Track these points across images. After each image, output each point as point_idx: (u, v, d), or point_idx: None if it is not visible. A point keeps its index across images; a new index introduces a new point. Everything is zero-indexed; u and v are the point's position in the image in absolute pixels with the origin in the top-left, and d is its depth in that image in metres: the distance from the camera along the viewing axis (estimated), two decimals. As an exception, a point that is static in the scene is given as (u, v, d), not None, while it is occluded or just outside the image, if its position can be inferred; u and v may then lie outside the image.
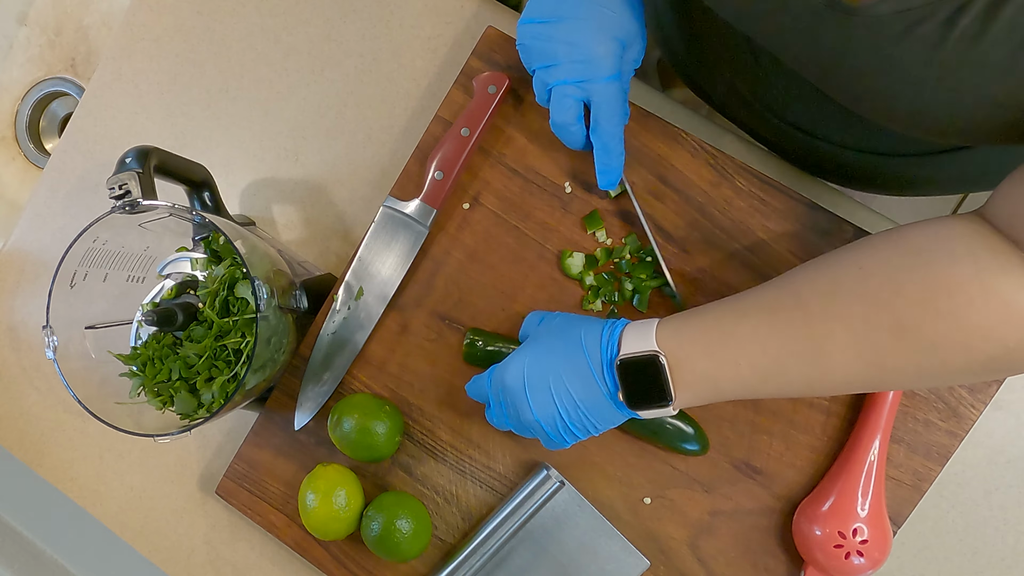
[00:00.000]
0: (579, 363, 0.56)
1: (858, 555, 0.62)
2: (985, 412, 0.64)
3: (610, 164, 0.62)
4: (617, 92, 0.60)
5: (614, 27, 0.58)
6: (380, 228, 0.70)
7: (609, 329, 0.56)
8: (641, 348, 0.54)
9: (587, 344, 0.56)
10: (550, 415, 0.57)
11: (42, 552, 0.82)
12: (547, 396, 0.57)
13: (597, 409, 0.56)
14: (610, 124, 0.61)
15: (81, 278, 0.66)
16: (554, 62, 0.59)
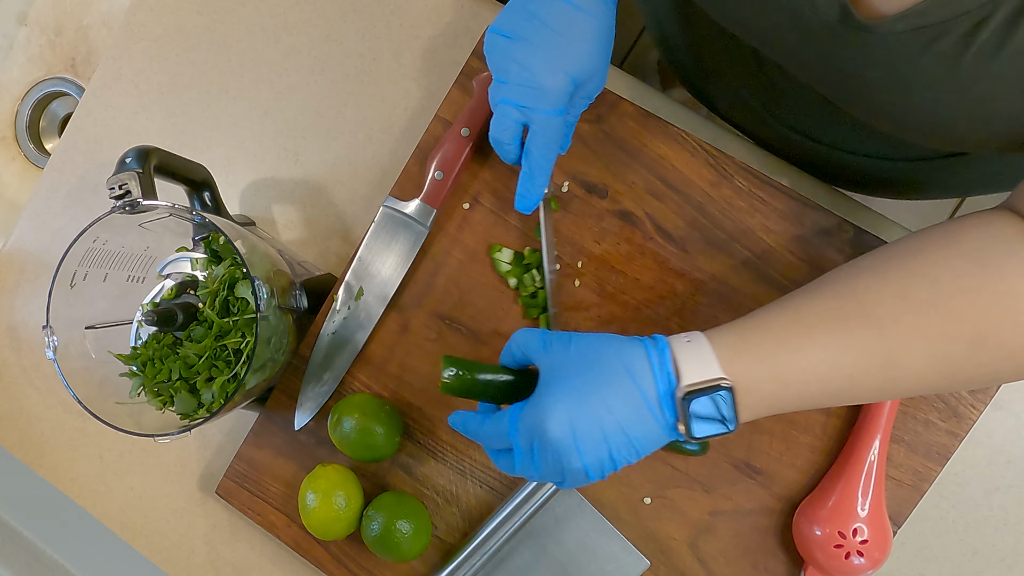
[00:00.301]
0: (633, 400, 0.50)
1: (858, 555, 0.62)
2: (985, 412, 0.64)
3: (530, 191, 0.62)
4: (556, 126, 0.58)
5: (572, 62, 0.56)
6: (380, 228, 0.70)
7: (656, 354, 0.50)
8: (705, 377, 0.49)
9: (636, 376, 0.50)
10: (599, 460, 0.50)
11: (42, 552, 0.82)
12: (600, 442, 0.50)
13: (649, 442, 0.51)
14: (540, 154, 0.60)
15: (81, 278, 0.66)
16: (504, 79, 0.58)
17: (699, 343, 0.50)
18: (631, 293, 0.68)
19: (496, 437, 0.54)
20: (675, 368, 0.50)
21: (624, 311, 0.68)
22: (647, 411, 0.50)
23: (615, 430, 0.50)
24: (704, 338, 0.51)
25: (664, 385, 0.50)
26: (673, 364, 0.50)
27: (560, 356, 0.53)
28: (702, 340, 0.50)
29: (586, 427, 0.50)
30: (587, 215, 0.69)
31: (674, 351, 0.50)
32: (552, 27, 0.56)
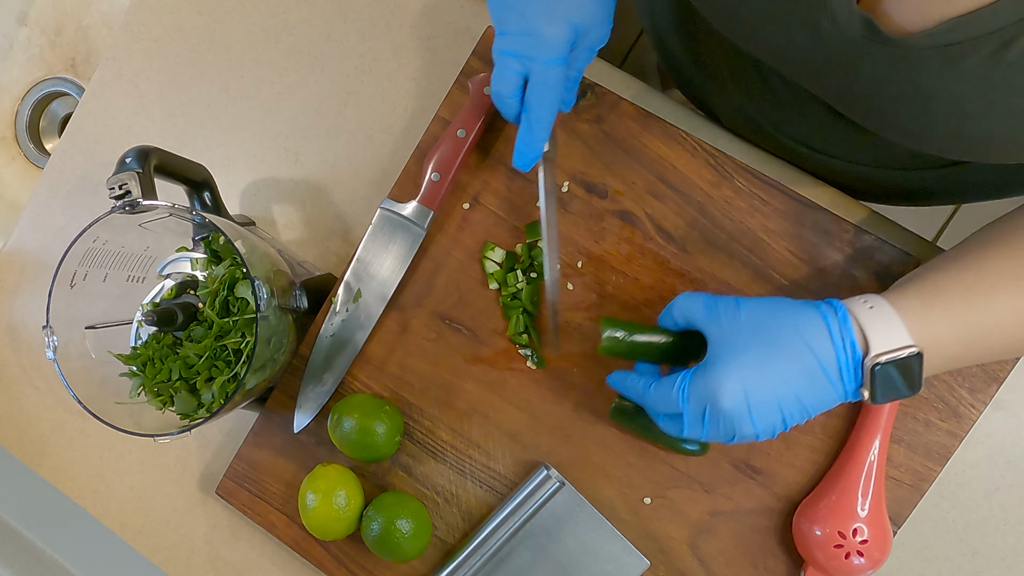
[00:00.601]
0: (810, 370, 0.50)
1: (858, 555, 0.62)
2: (985, 412, 0.64)
3: (529, 145, 0.60)
4: (556, 75, 0.57)
5: (572, 9, 0.55)
6: (378, 230, 0.70)
7: (836, 322, 0.50)
8: (895, 345, 0.49)
9: (814, 346, 0.50)
10: (771, 425, 0.51)
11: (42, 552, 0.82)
12: (774, 411, 0.50)
13: (822, 406, 0.51)
14: (540, 107, 0.58)
15: (81, 278, 0.66)
16: (504, 30, 0.56)
17: (883, 309, 0.50)
18: (631, 293, 0.68)
19: (663, 402, 0.55)
20: (860, 335, 0.50)
21: (624, 311, 0.68)
22: (824, 380, 0.50)
23: (790, 399, 0.50)
24: (887, 304, 0.51)
25: (845, 355, 0.50)
26: (857, 331, 0.50)
27: (729, 324, 0.53)
28: (885, 306, 0.51)
29: (760, 397, 0.50)
30: (587, 215, 0.69)
31: (856, 317, 0.50)
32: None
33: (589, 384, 0.69)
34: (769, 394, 0.50)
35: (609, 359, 0.69)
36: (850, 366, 0.50)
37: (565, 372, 0.69)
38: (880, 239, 0.65)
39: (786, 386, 0.50)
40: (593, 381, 0.69)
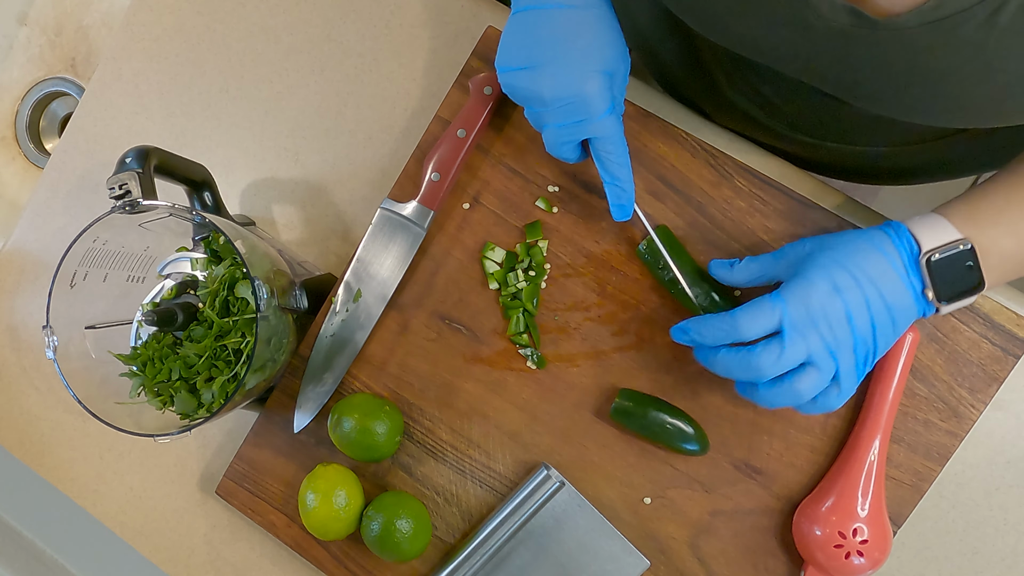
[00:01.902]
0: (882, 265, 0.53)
1: (858, 555, 0.62)
2: (985, 412, 0.64)
3: (622, 197, 0.61)
4: (615, 126, 0.58)
5: (596, 60, 0.56)
6: (378, 230, 0.70)
7: (893, 229, 0.54)
8: (944, 239, 0.53)
9: (881, 246, 0.54)
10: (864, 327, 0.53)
11: (42, 552, 0.82)
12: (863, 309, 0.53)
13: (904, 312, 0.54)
14: (616, 160, 0.59)
15: (81, 278, 0.66)
16: (543, 107, 0.57)
17: (931, 216, 0.55)
18: (631, 292, 0.68)
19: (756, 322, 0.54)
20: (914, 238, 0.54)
21: (624, 311, 0.68)
22: (897, 276, 0.53)
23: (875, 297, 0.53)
24: (936, 214, 0.55)
25: (906, 251, 0.53)
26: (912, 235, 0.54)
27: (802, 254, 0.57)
28: (934, 215, 0.55)
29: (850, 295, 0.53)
30: (587, 215, 0.69)
31: (910, 226, 0.54)
32: (560, 39, 0.55)
33: (589, 384, 0.69)
34: (856, 290, 0.53)
35: (610, 361, 0.69)
36: (911, 260, 0.53)
37: (565, 372, 0.69)
38: (880, 239, 0.65)
39: (870, 282, 0.53)
40: (593, 381, 0.69)
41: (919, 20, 0.43)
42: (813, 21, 0.47)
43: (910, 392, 0.65)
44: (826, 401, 0.55)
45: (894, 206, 1.46)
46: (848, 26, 0.46)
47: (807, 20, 0.47)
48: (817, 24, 0.47)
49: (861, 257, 0.54)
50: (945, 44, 0.43)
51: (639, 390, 0.68)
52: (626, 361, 0.68)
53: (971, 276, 0.53)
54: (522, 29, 0.57)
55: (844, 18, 0.46)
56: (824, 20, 0.46)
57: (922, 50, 0.44)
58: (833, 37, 0.47)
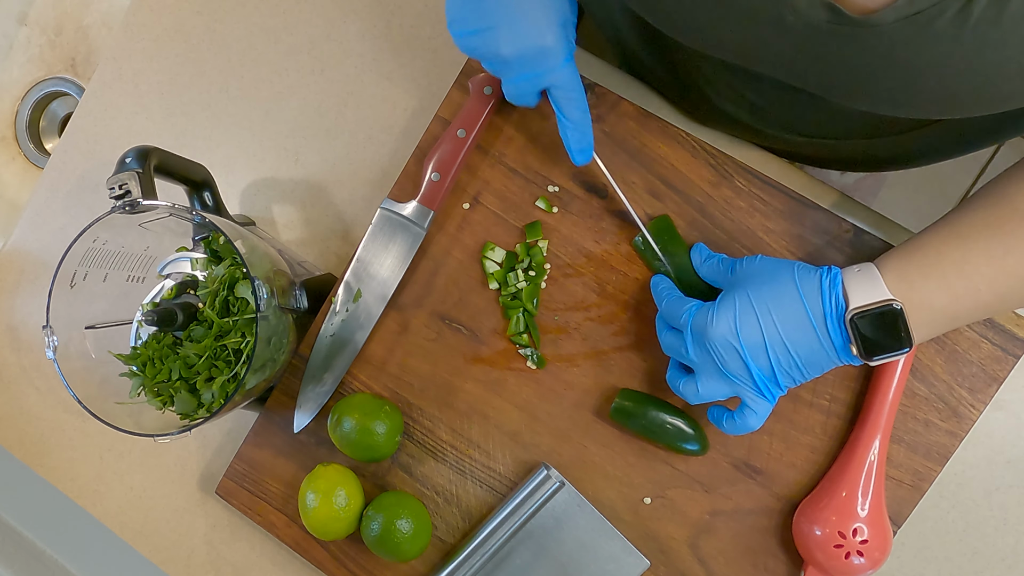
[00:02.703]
0: (797, 315, 0.54)
1: (858, 555, 0.62)
2: (985, 412, 0.64)
3: (581, 141, 0.61)
4: (573, 71, 0.59)
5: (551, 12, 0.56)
6: (378, 230, 0.70)
7: (828, 278, 0.55)
8: (873, 299, 0.53)
9: (806, 295, 0.55)
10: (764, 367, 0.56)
11: (42, 552, 0.82)
12: (761, 353, 0.55)
13: (814, 360, 0.55)
14: (575, 107, 0.60)
15: (81, 278, 0.66)
16: (503, 63, 0.58)
17: (867, 270, 0.55)
18: (631, 292, 0.68)
19: (671, 315, 0.61)
20: (844, 294, 0.54)
21: (624, 311, 0.68)
22: (811, 329, 0.54)
23: (778, 342, 0.55)
24: (873, 266, 0.55)
25: (831, 306, 0.54)
26: (843, 290, 0.54)
27: (742, 273, 0.60)
28: (870, 267, 0.55)
29: (750, 334, 0.55)
30: (587, 215, 0.69)
31: (844, 279, 0.55)
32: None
33: (589, 384, 0.69)
34: (758, 333, 0.55)
35: (610, 361, 0.69)
36: (834, 319, 0.54)
37: (565, 372, 0.69)
38: (880, 239, 0.65)
39: (776, 330, 0.55)
40: (593, 381, 0.69)
41: (894, 15, 0.43)
42: (790, 18, 0.47)
43: (910, 392, 0.65)
44: (744, 421, 0.59)
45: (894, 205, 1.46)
46: (825, 22, 0.46)
47: (784, 18, 0.47)
48: (794, 21, 0.47)
49: (777, 303, 0.55)
50: (921, 38, 0.44)
51: (639, 390, 0.68)
52: (626, 361, 0.68)
53: (898, 336, 0.53)
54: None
55: (820, 14, 0.46)
56: (801, 17, 0.46)
57: (899, 45, 0.45)
58: (810, 34, 0.47)
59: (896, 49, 0.45)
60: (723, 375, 0.57)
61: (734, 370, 0.56)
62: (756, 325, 0.55)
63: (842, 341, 0.54)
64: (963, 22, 0.42)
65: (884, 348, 0.53)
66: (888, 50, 0.46)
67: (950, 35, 0.43)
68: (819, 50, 0.48)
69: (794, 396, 0.66)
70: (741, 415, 0.59)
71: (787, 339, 0.55)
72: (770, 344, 0.55)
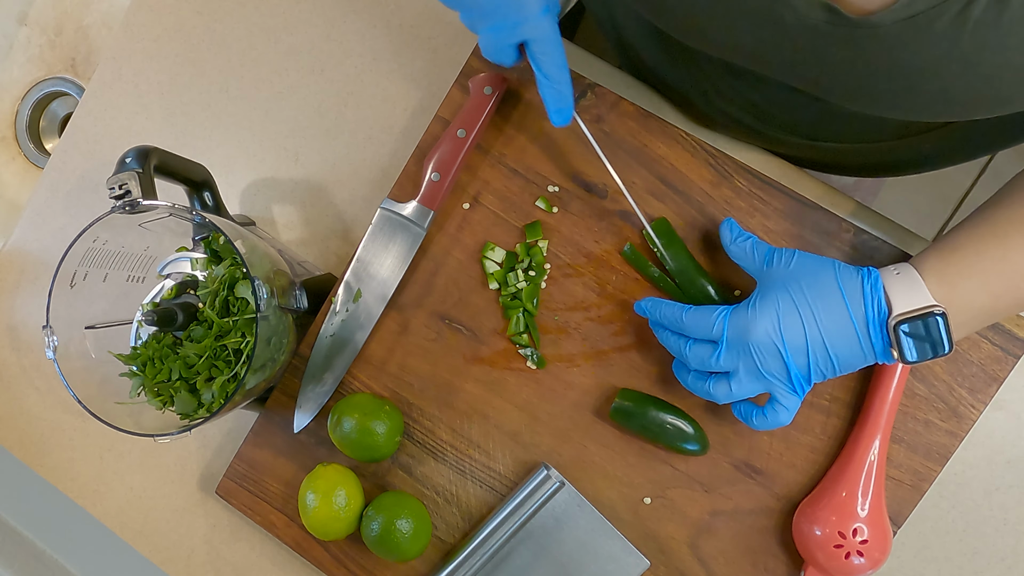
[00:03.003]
0: (842, 320, 0.54)
1: (858, 555, 0.62)
2: (985, 412, 0.64)
3: (560, 100, 0.60)
4: (552, 26, 0.56)
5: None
6: (378, 230, 0.70)
7: (869, 282, 0.54)
8: (916, 304, 0.53)
9: (849, 299, 0.54)
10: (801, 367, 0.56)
11: (42, 552, 0.82)
12: (802, 353, 0.55)
13: (851, 363, 0.56)
14: (553, 63, 0.58)
15: (81, 278, 0.66)
16: (478, 10, 0.56)
17: (908, 273, 0.54)
18: (631, 292, 0.68)
19: (699, 326, 0.59)
20: (886, 298, 0.54)
21: (624, 311, 0.68)
22: (853, 333, 0.54)
23: (819, 344, 0.55)
24: (912, 268, 0.55)
25: (873, 312, 0.54)
26: (884, 295, 0.54)
27: (780, 270, 0.58)
28: (910, 270, 0.54)
29: (793, 336, 0.55)
30: (587, 215, 0.69)
31: (884, 282, 0.54)
32: None
33: (589, 384, 0.69)
34: (801, 335, 0.55)
35: (610, 361, 0.69)
36: (876, 324, 0.54)
37: (565, 372, 0.69)
38: (880, 239, 0.65)
39: (818, 332, 0.54)
40: (593, 381, 0.69)
41: (893, 17, 0.43)
42: (789, 20, 0.47)
43: (910, 392, 0.65)
44: (775, 417, 0.58)
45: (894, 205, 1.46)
46: (824, 23, 0.46)
47: (783, 19, 0.47)
48: (793, 22, 0.47)
49: (822, 305, 0.55)
50: (920, 40, 0.44)
51: (639, 390, 0.68)
52: (626, 361, 0.68)
53: (939, 340, 0.53)
54: None
55: (820, 15, 0.46)
56: (800, 18, 0.46)
57: (898, 46, 0.45)
58: (810, 35, 0.47)
59: (895, 50, 0.45)
60: (758, 374, 0.57)
61: (772, 369, 0.56)
62: (800, 327, 0.55)
63: (883, 345, 0.54)
64: (962, 24, 0.42)
65: (925, 352, 0.53)
66: (887, 51, 0.46)
67: (949, 37, 0.43)
68: (818, 51, 0.48)
69: (794, 396, 0.66)
70: (773, 411, 0.58)
71: (828, 341, 0.55)
72: (811, 346, 0.55)
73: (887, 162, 0.74)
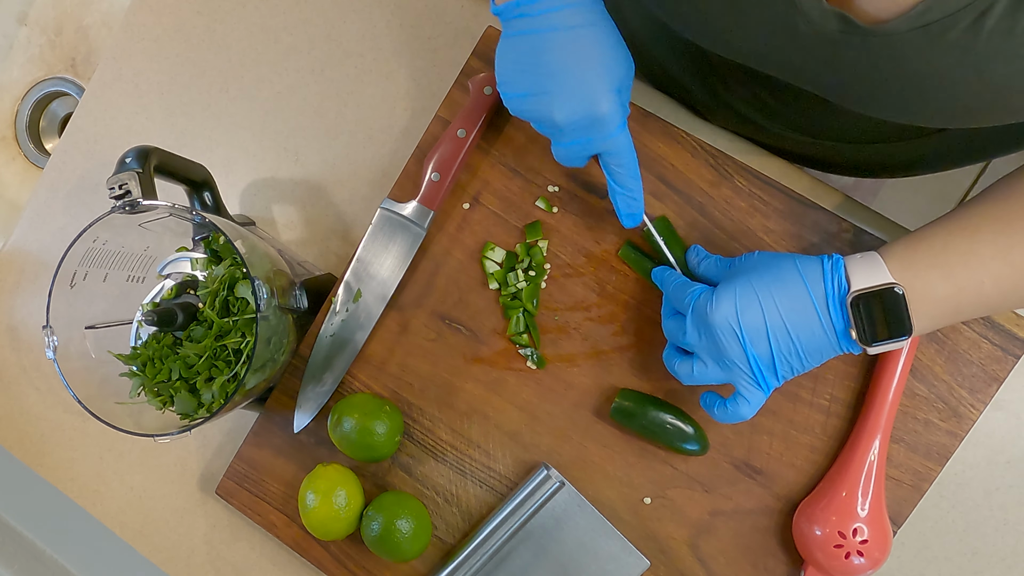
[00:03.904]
0: (800, 299, 0.54)
1: (858, 555, 0.62)
2: (985, 412, 0.64)
3: (631, 206, 0.61)
4: (626, 139, 0.57)
5: (606, 80, 0.54)
6: (378, 230, 0.70)
7: (830, 263, 0.54)
8: (874, 281, 0.52)
9: (808, 279, 0.54)
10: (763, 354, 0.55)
11: (42, 552, 0.82)
12: (762, 338, 0.54)
13: (815, 347, 0.55)
14: (628, 172, 0.59)
15: (81, 278, 0.66)
16: (555, 128, 0.56)
17: (871, 257, 0.54)
18: (631, 292, 0.68)
19: (678, 299, 0.61)
20: (847, 278, 0.53)
21: (624, 311, 0.68)
22: (813, 312, 0.54)
23: (779, 327, 0.54)
24: (875, 253, 0.54)
25: (832, 288, 0.53)
26: (845, 274, 0.53)
27: (742, 264, 0.59)
28: (873, 254, 0.54)
29: (751, 319, 0.54)
30: (587, 215, 0.69)
31: (847, 263, 0.54)
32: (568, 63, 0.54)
33: (589, 384, 0.69)
34: (759, 318, 0.54)
35: (610, 361, 0.69)
36: (836, 300, 0.53)
37: (565, 372, 0.69)
38: (880, 239, 0.65)
39: (777, 314, 0.54)
40: (593, 381, 0.69)
41: (907, 26, 0.43)
42: (803, 28, 0.47)
43: (910, 392, 0.65)
44: (736, 410, 0.58)
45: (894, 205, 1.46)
46: (837, 32, 0.46)
47: (797, 27, 0.47)
48: (807, 31, 0.47)
49: (780, 287, 0.54)
50: (933, 49, 0.44)
51: (639, 390, 0.68)
52: (626, 361, 0.68)
53: (898, 321, 0.52)
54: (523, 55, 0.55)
55: (833, 24, 0.46)
56: (814, 27, 0.46)
57: (911, 55, 0.45)
58: (823, 43, 0.47)
59: (907, 59, 0.45)
60: (720, 360, 0.57)
61: (732, 356, 0.56)
62: (758, 308, 0.54)
63: (843, 324, 0.53)
64: (976, 34, 0.42)
65: (884, 333, 0.53)
66: (899, 60, 0.45)
67: (962, 46, 0.43)
68: (831, 58, 0.48)
69: (794, 396, 0.66)
70: (734, 403, 0.58)
71: (788, 322, 0.54)
72: (771, 327, 0.54)
73: (887, 163, 0.74)
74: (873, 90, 0.50)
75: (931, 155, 0.72)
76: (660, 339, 0.67)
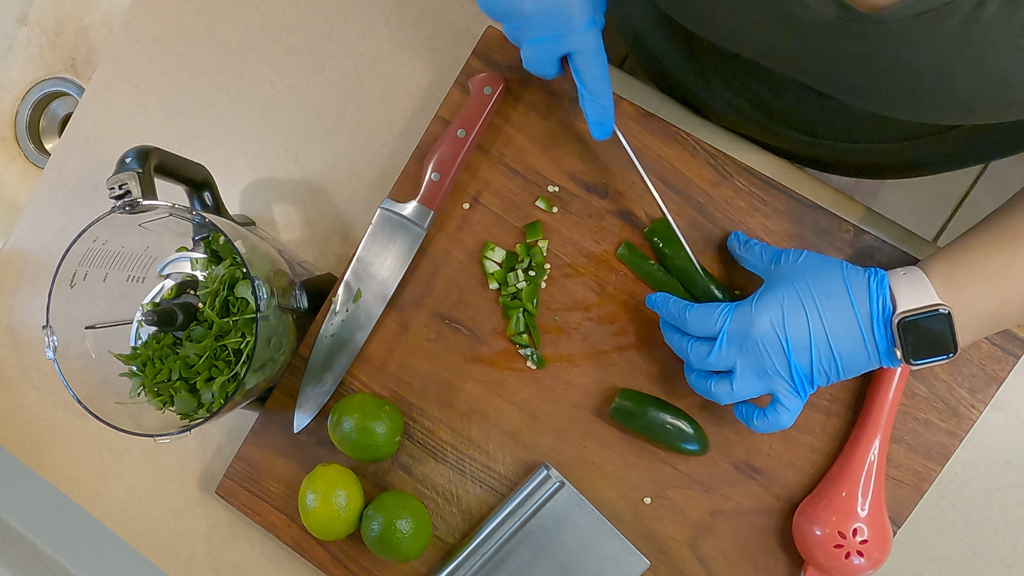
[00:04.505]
0: (846, 317, 0.54)
1: (858, 555, 0.62)
2: (985, 412, 0.64)
3: (601, 114, 0.60)
4: (596, 39, 0.56)
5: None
6: (378, 230, 0.70)
7: (876, 281, 0.54)
8: (921, 303, 0.52)
9: (855, 296, 0.54)
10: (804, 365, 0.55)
11: (42, 552, 0.82)
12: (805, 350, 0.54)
13: (855, 362, 0.55)
14: (596, 76, 0.58)
15: (81, 278, 0.66)
16: (523, 21, 0.55)
17: (914, 274, 0.54)
18: (631, 292, 0.68)
19: (701, 323, 0.58)
20: (891, 297, 0.53)
21: (624, 311, 0.68)
22: (857, 330, 0.54)
23: (822, 340, 0.54)
24: (919, 270, 0.54)
25: (878, 309, 0.53)
26: (890, 293, 0.53)
27: (787, 268, 0.58)
28: (918, 272, 0.54)
29: (796, 331, 0.54)
30: (587, 215, 0.69)
31: (891, 281, 0.54)
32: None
33: (589, 384, 0.69)
34: (804, 330, 0.54)
35: (610, 361, 0.69)
36: (880, 321, 0.53)
37: (565, 372, 0.69)
38: (880, 239, 0.65)
39: (822, 327, 0.54)
40: (593, 381, 0.69)
41: (905, 13, 0.43)
42: (800, 14, 0.47)
43: (910, 392, 0.65)
44: (776, 419, 0.58)
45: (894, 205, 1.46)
46: (834, 19, 0.46)
47: (794, 13, 0.47)
48: (804, 17, 0.47)
49: (826, 301, 0.54)
50: (930, 37, 0.44)
51: (639, 390, 0.68)
52: (626, 361, 0.68)
53: (944, 341, 0.53)
54: None
55: (830, 10, 0.46)
56: (811, 12, 0.46)
57: (908, 44, 0.45)
58: (820, 30, 0.47)
59: (904, 48, 0.45)
60: (761, 372, 0.56)
61: (774, 367, 0.55)
62: (804, 320, 0.54)
63: (887, 344, 0.54)
64: (974, 23, 0.42)
65: (929, 353, 0.53)
66: (896, 49, 0.45)
67: (959, 35, 0.43)
68: (827, 46, 0.48)
69: (794, 396, 0.66)
70: (774, 412, 0.57)
71: (832, 337, 0.54)
72: (815, 340, 0.54)
73: (887, 163, 0.74)
74: (868, 81, 0.49)
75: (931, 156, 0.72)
76: (660, 339, 0.67)
